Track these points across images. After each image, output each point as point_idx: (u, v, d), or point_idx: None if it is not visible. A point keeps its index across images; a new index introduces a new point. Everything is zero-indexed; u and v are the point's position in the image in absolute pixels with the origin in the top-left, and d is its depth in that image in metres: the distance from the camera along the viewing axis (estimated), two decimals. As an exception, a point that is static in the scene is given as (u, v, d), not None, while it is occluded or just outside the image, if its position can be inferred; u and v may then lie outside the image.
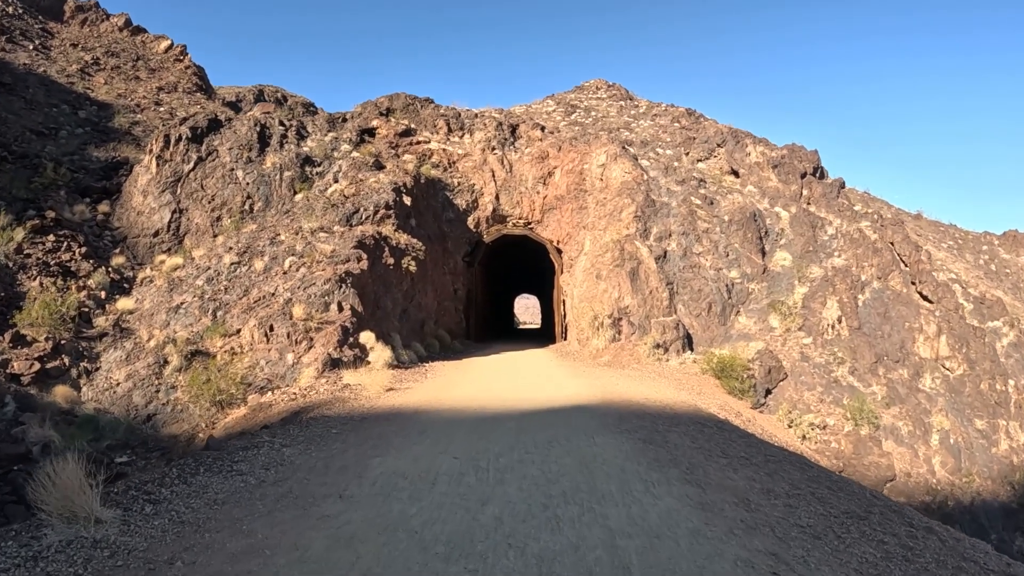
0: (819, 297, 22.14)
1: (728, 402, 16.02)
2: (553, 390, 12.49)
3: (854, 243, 24.05)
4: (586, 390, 12.52)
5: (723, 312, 21.16)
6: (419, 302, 20.42)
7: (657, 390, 13.60)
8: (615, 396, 11.94)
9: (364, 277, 17.81)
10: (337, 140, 25.37)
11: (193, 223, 23.51)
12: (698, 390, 15.75)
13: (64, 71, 38.27)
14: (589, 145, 26.70)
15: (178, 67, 44.07)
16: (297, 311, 16.21)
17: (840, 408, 19.61)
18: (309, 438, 8.36)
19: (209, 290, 18.72)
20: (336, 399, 12.05)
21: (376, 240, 19.22)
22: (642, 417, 9.93)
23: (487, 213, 25.92)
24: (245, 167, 23.82)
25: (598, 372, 16.03)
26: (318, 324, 16.02)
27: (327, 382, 13.85)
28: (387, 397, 11.76)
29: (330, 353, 15.27)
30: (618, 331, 19.23)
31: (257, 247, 19.93)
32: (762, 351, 19.18)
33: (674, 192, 24.23)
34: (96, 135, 31.24)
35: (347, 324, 16.08)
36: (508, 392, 12.24)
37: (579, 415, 9.91)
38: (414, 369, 16.02)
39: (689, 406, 11.82)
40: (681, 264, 21.78)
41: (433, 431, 8.68)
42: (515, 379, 14.25)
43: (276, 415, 12.32)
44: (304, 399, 12.76)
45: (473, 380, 14.12)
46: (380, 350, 15.68)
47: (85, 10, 45.97)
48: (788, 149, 27.30)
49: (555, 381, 13.82)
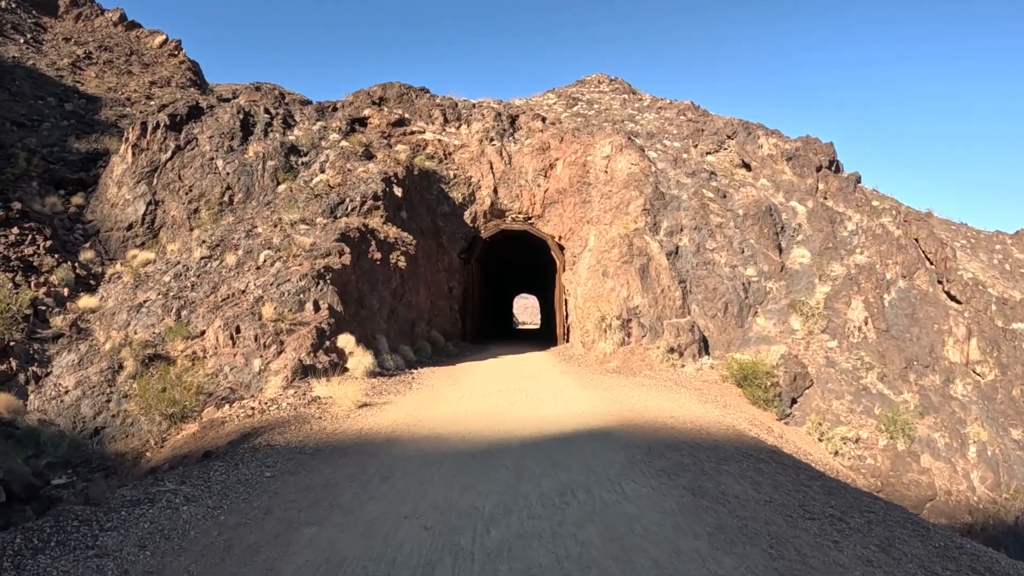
0: (843, 297, 19.55)
1: (756, 415, 13.44)
2: (560, 406, 9.89)
3: (877, 239, 21.47)
4: (599, 406, 9.92)
5: (740, 313, 18.57)
6: (409, 301, 17.82)
7: (680, 404, 11.01)
8: (635, 415, 9.35)
9: (346, 273, 15.22)
10: (326, 129, 22.77)
11: (169, 216, 20.93)
12: (722, 402, 13.16)
13: (54, 64, 35.78)
14: (593, 136, 24.12)
15: (172, 62, 41.54)
16: (267, 311, 13.61)
17: (871, 419, 17.03)
18: (228, 486, 5.77)
19: (175, 287, 16.13)
20: (297, 418, 9.47)
21: (362, 233, 16.63)
22: (677, 448, 7.34)
23: (485, 207, 23.33)
24: (226, 156, 21.23)
25: (608, 381, 13.43)
26: (290, 325, 13.43)
27: (294, 394, 11.26)
28: (358, 416, 9.16)
29: (301, 359, 12.68)
30: (627, 333, 16.64)
31: (231, 240, 17.33)
32: (786, 356, 16.59)
33: (684, 185, 21.65)
34: (81, 127, 28.69)
35: (323, 326, 13.49)
36: (505, 408, 9.64)
37: (597, 445, 7.31)
38: (399, 377, 13.41)
39: (725, 428, 9.23)
40: (694, 261, 19.19)
41: (402, 474, 6.09)
42: (514, 390, 11.64)
43: (225, 436, 9.74)
44: (262, 416, 10.17)
45: (465, 391, 11.51)
46: (360, 355, 13.09)
47: (79, 5, 43.46)
48: (802, 141, 24.73)
49: (561, 393, 11.22)
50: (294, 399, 10.83)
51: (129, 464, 12.60)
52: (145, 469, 11.37)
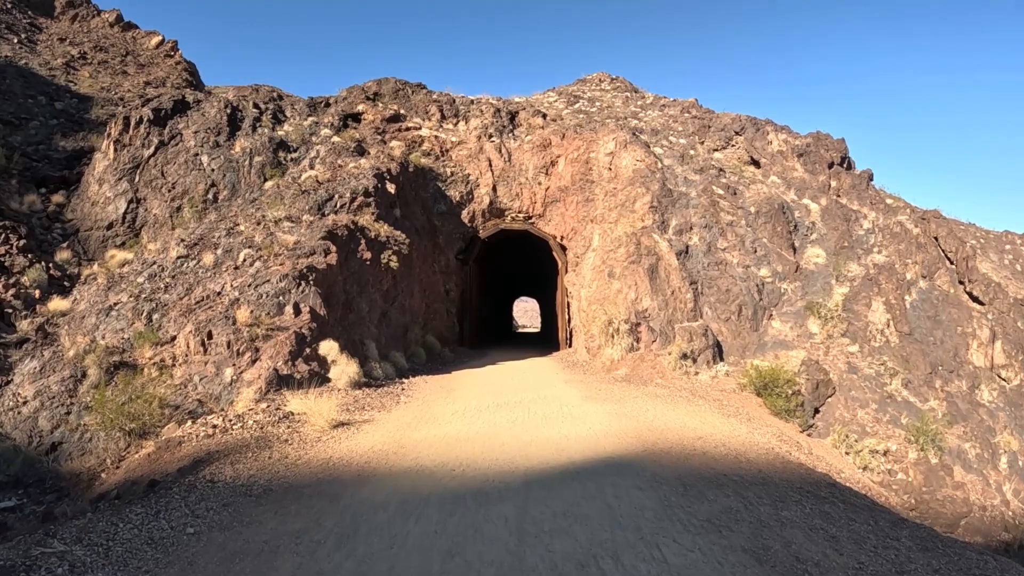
0: (863, 298, 17.94)
1: (782, 429, 11.82)
2: (567, 424, 8.27)
3: (895, 238, 19.88)
4: (613, 424, 8.30)
5: (755, 316, 16.96)
6: (403, 304, 16.21)
7: (703, 420, 9.40)
8: (656, 435, 7.73)
9: (332, 273, 13.61)
10: (317, 125, 21.20)
11: (151, 214, 19.33)
12: (745, 414, 11.55)
13: (47, 64, 34.27)
14: (595, 132, 22.54)
15: (168, 63, 40.06)
16: (241, 314, 12.00)
17: (899, 429, 15.41)
18: (133, 549, 4.16)
19: (148, 288, 14.52)
20: (260, 440, 7.87)
21: (351, 231, 15.03)
22: (718, 483, 5.72)
23: (483, 206, 21.74)
24: (211, 152, 19.64)
25: (618, 391, 11.82)
26: (267, 331, 11.81)
27: (266, 409, 9.64)
28: (330, 439, 7.54)
29: (278, 368, 11.06)
30: (636, 338, 15.03)
31: (211, 239, 15.73)
32: (808, 362, 14.99)
33: (692, 181, 20.07)
34: (70, 126, 27.12)
35: (304, 331, 11.87)
36: (504, 428, 8.02)
37: (618, 482, 5.69)
38: (387, 388, 11.78)
39: (764, 451, 7.62)
40: (705, 261, 17.59)
41: (368, 531, 4.48)
42: (514, 404, 10.02)
43: (177, 461, 8.14)
44: (224, 436, 8.56)
45: (459, 406, 9.89)
46: (344, 364, 11.47)
47: (76, 6, 42.00)
48: (813, 137, 23.17)
49: (567, 407, 9.60)
50: (263, 416, 9.21)
51: (83, 486, 10.96)
52: (95, 495, 9.75)
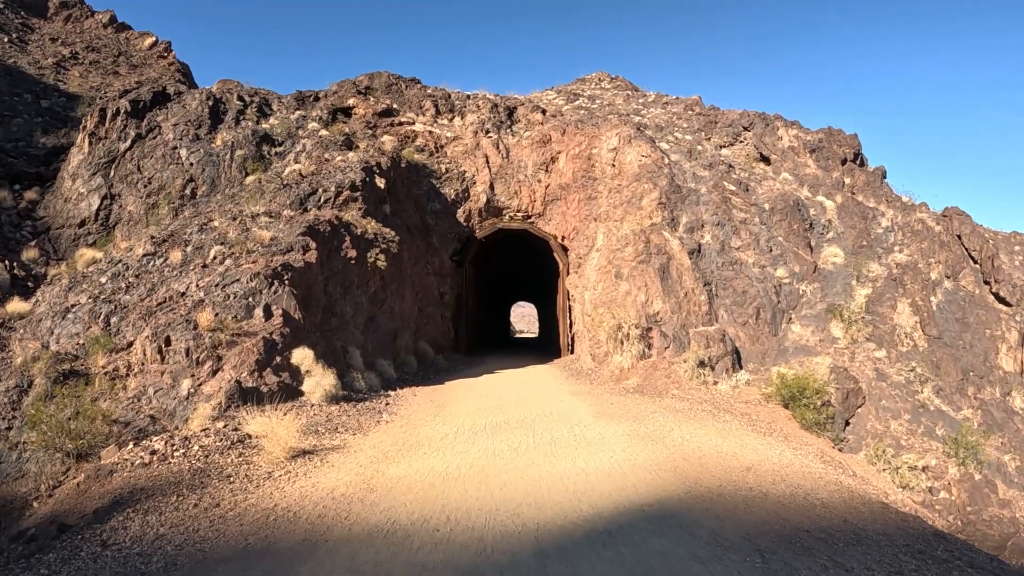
0: (887, 300, 16.22)
1: (821, 448, 10.05)
2: (583, 453, 6.49)
3: (916, 236, 18.18)
4: (639, 451, 6.52)
5: (773, 319, 15.22)
6: (392, 307, 14.42)
7: (742, 442, 7.63)
8: (697, 468, 5.96)
9: (311, 273, 11.83)
10: (305, 118, 19.46)
11: (125, 211, 17.54)
12: (780, 431, 9.78)
13: (37, 63, 32.52)
14: (598, 128, 20.85)
15: (162, 63, 38.36)
16: (204, 318, 10.20)
17: (934, 441, 13.65)
18: None
19: (109, 288, 12.71)
20: (199, 474, 6.08)
21: (334, 227, 13.26)
22: (805, 547, 3.95)
23: (480, 204, 19.99)
24: (190, 145, 17.88)
25: (632, 405, 10.04)
26: (232, 336, 10.01)
27: (219, 431, 7.84)
28: (281, 478, 5.75)
29: (241, 380, 9.26)
30: (648, 344, 13.26)
31: (183, 235, 13.94)
32: (836, 370, 13.25)
33: (701, 177, 18.36)
34: (54, 124, 25.31)
35: (275, 337, 10.07)
36: (505, 459, 6.23)
37: (669, 551, 3.92)
38: (369, 403, 9.96)
39: (834, 485, 5.86)
40: (719, 260, 15.85)
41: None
42: (516, 424, 8.21)
43: (98, 498, 6.35)
44: (161, 466, 6.76)
45: (450, 427, 8.08)
46: (320, 375, 9.68)
47: (69, 6, 40.32)
48: (824, 133, 21.51)
49: (580, 428, 7.81)
50: (213, 439, 7.41)
51: (16, 515, 9.12)
52: (16, 531, 7.91)
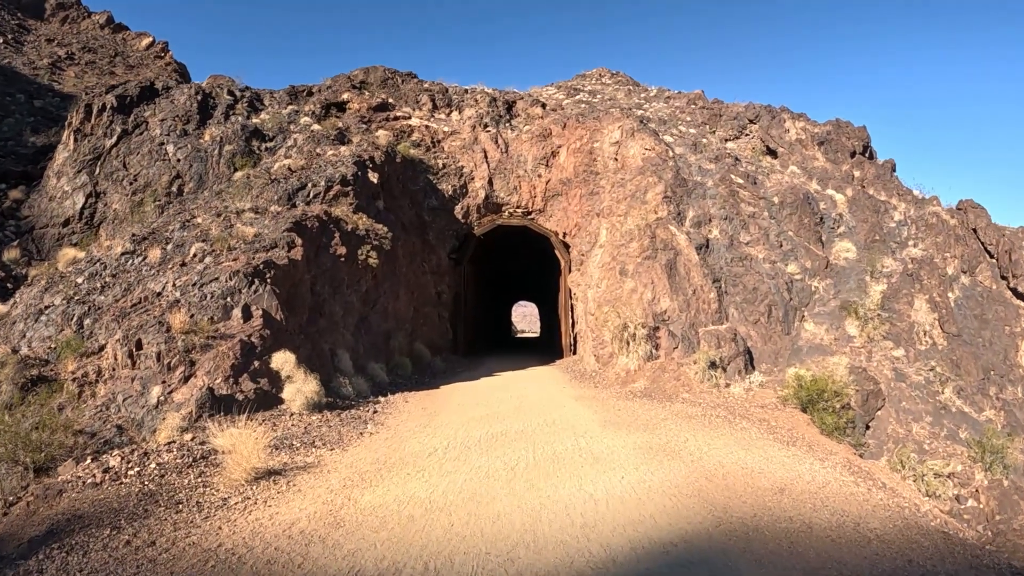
0: (903, 296, 15.27)
1: (848, 457, 9.11)
2: (591, 472, 5.57)
3: (931, 230, 17.22)
4: (655, 470, 5.59)
5: (785, 317, 14.28)
6: (385, 307, 13.50)
7: (767, 456, 6.70)
8: (724, 491, 5.04)
9: (296, 270, 10.92)
10: (297, 113, 18.56)
11: (111, 209, 16.69)
12: (804, 439, 8.85)
13: (32, 63, 31.82)
14: (599, 121, 19.93)
15: (158, 64, 37.57)
16: (177, 319, 9.30)
17: (958, 445, 12.69)
18: None
19: (85, 289, 11.83)
20: (146, 500, 5.18)
21: (323, 222, 12.35)
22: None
23: (478, 201, 19.08)
24: (178, 141, 17.00)
25: (642, 412, 9.11)
26: (207, 339, 9.11)
27: (183, 446, 6.94)
28: (237, 506, 4.84)
29: (214, 387, 8.35)
30: (655, 345, 12.33)
31: (164, 233, 13.05)
32: (855, 370, 12.31)
33: (708, 170, 17.43)
34: (46, 123, 24.52)
35: (254, 339, 9.17)
36: (501, 485, 5.30)
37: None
38: (355, 411, 9.04)
39: (876, 508, 4.94)
40: (728, 256, 14.92)
41: None
42: (514, 436, 7.29)
43: (39, 523, 5.44)
44: (111, 487, 5.86)
45: (440, 440, 7.15)
46: (301, 381, 8.76)
47: (66, 8, 39.63)
48: (832, 125, 20.56)
49: (586, 440, 6.88)
50: (176, 455, 6.50)
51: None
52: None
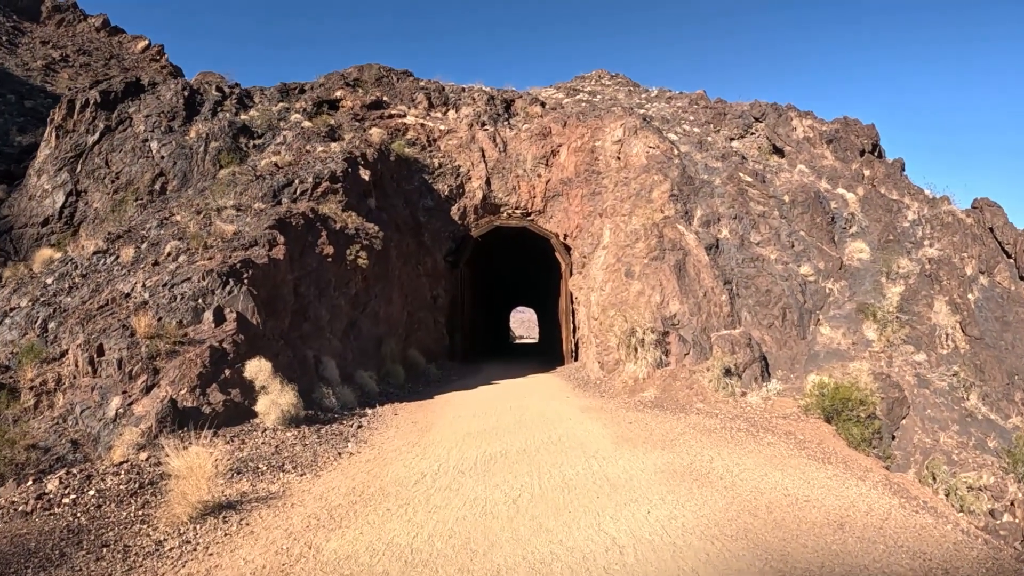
0: (923, 298, 14.31)
1: (887, 475, 8.10)
2: (609, 506, 4.56)
3: (947, 229, 16.28)
4: (685, 502, 4.58)
5: (801, 320, 13.29)
6: (376, 312, 12.48)
7: (807, 478, 5.70)
8: (776, 531, 4.03)
9: (277, 271, 9.91)
10: (288, 110, 17.61)
11: (91, 208, 15.72)
12: (837, 455, 7.84)
13: (25, 65, 30.94)
14: (601, 119, 19.02)
15: (154, 67, 36.69)
16: (142, 323, 8.28)
17: (987, 455, 11.66)
18: None
19: (52, 289, 10.81)
20: (72, 537, 4.17)
21: (309, 220, 11.36)
22: None
23: (475, 201, 18.11)
24: (162, 138, 16.03)
25: (657, 425, 8.10)
26: (173, 345, 8.09)
27: (139, 465, 5.92)
28: (171, 552, 3.83)
29: (177, 399, 7.32)
30: (665, 351, 11.33)
31: (140, 231, 12.05)
32: (879, 376, 11.32)
33: (715, 168, 16.50)
34: (35, 123, 23.60)
35: (225, 345, 8.14)
36: (502, 526, 4.28)
37: None
38: (336, 426, 8.00)
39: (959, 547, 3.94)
40: (739, 257, 13.95)
41: None
42: (515, 457, 6.26)
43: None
44: (38, 520, 4.82)
45: (429, 463, 6.12)
46: (277, 392, 7.73)
47: (62, 11, 38.80)
48: (841, 123, 19.66)
49: (599, 462, 5.87)
50: (123, 478, 5.48)
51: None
52: None
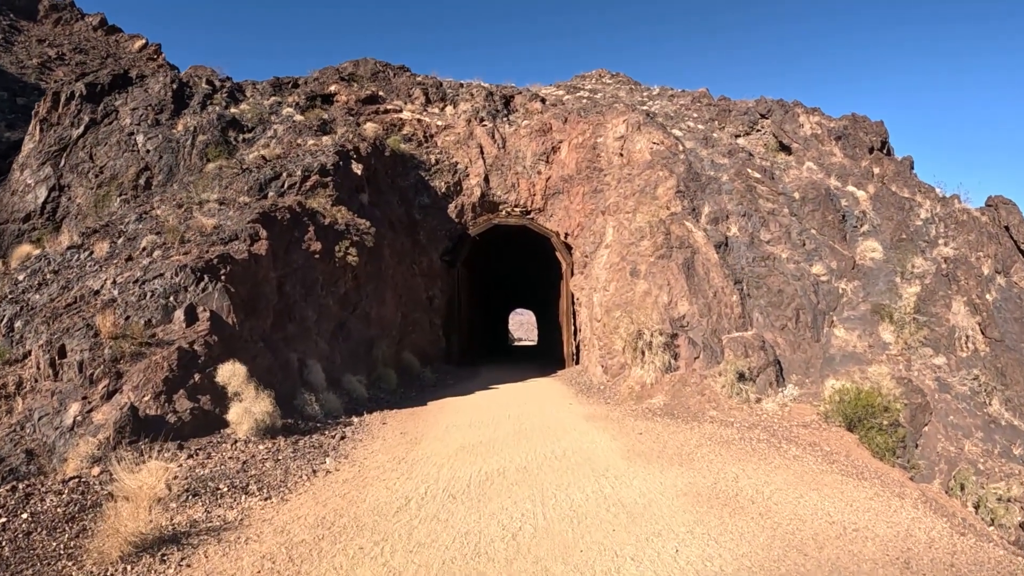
0: (940, 298, 13.52)
1: (924, 491, 7.31)
2: (627, 543, 3.77)
3: (962, 227, 15.50)
4: (720, 536, 3.79)
5: (815, 322, 12.50)
6: (367, 312, 11.67)
7: (843, 494, 4.91)
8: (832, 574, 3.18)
9: (258, 267, 9.11)
10: (279, 104, 16.84)
11: (74, 203, 14.95)
12: (873, 470, 7.03)
13: (20, 63, 30.16)
14: (603, 115, 18.26)
15: (151, 66, 35.89)
16: (107, 322, 7.47)
17: (1013, 463, 10.87)
18: None
19: (23, 286, 9.99)
20: None
21: (295, 214, 10.56)
22: None
23: (473, 199, 17.33)
24: (149, 131, 15.26)
25: (668, 435, 7.29)
26: (139, 346, 7.28)
27: (90, 481, 5.11)
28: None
29: (138, 406, 6.51)
30: (674, 354, 10.53)
31: (118, 226, 11.26)
32: (902, 381, 10.53)
33: (721, 165, 15.73)
34: (25, 120, 22.80)
35: (197, 347, 7.34)
36: (496, 569, 3.46)
37: None
38: (316, 437, 7.18)
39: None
40: (749, 255, 13.16)
41: None
42: (516, 478, 5.45)
43: None
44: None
45: (416, 484, 5.29)
46: (252, 399, 6.92)
47: (59, 9, 37.97)
48: (849, 120, 18.90)
49: (611, 483, 5.07)
50: (68, 497, 4.68)
51: None
52: None
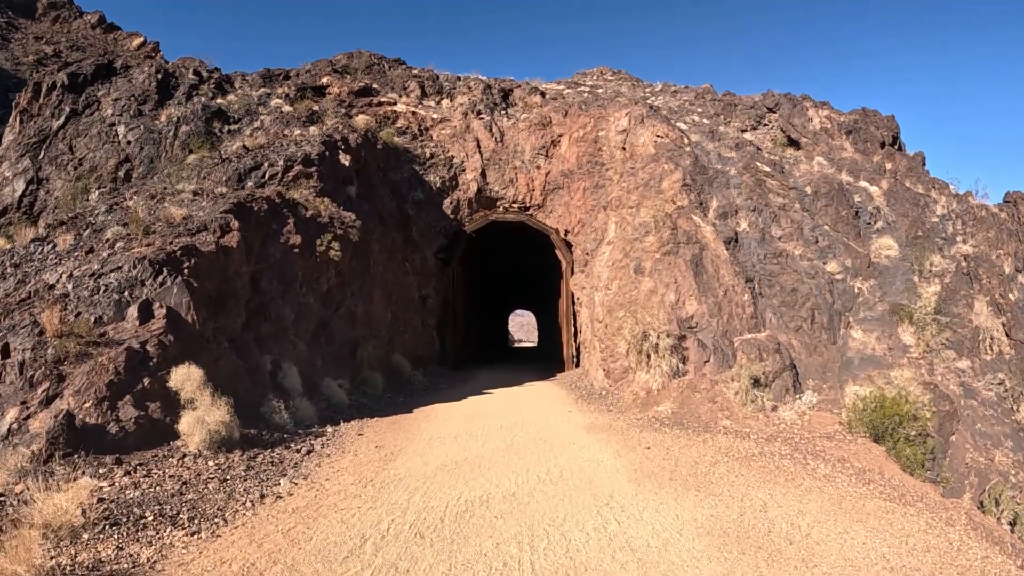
0: (962, 298, 12.58)
1: (971, 515, 6.38)
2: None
3: (981, 224, 14.57)
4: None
5: (831, 323, 11.57)
6: (352, 311, 10.78)
7: (894, 527, 4.04)
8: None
9: (228, 261, 8.23)
10: (269, 96, 15.99)
11: (52, 196, 14.10)
12: (910, 489, 6.12)
13: (15, 60, 29.54)
14: (605, 108, 17.40)
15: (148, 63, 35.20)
16: (53, 319, 6.59)
17: (1047, 479, 9.92)
18: None
19: (-24, 286, 9.10)
20: None
21: (274, 205, 9.68)
22: None
23: (470, 194, 16.45)
24: (130, 122, 14.43)
25: (680, 450, 6.38)
26: (85, 346, 6.40)
27: (7, 503, 4.26)
28: None
29: (76, 412, 5.62)
30: (682, 357, 9.62)
31: (87, 217, 10.40)
32: (928, 386, 9.61)
33: (729, 158, 14.84)
34: (13, 117, 22.05)
35: (149, 347, 6.45)
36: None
37: None
38: (278, 450, 6.28)
39: None
40: (760, 252, 12.25)
41: None
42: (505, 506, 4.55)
43: None
44: None
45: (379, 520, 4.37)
46: (206, 407, 6.03)
47: (58, 7, 37.32)
48: (859, 114, 17.99)
49: (615, 515, 4.20)
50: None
51: None
52: None
